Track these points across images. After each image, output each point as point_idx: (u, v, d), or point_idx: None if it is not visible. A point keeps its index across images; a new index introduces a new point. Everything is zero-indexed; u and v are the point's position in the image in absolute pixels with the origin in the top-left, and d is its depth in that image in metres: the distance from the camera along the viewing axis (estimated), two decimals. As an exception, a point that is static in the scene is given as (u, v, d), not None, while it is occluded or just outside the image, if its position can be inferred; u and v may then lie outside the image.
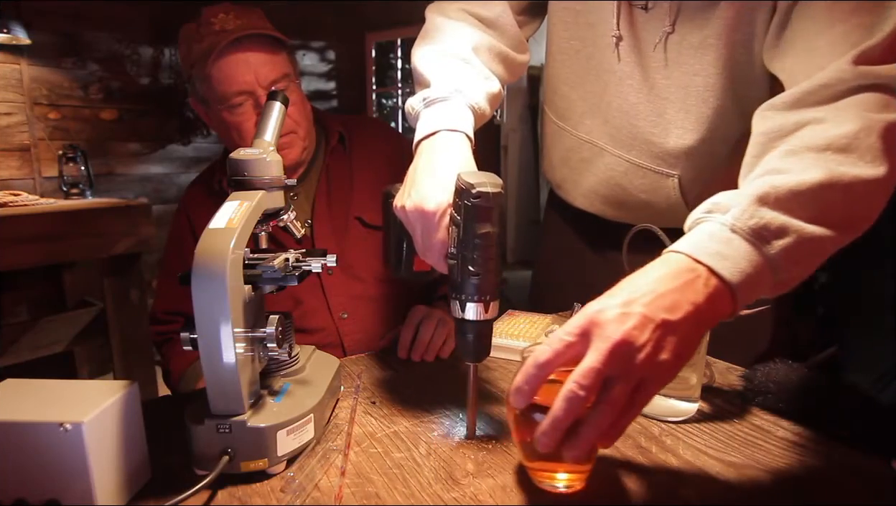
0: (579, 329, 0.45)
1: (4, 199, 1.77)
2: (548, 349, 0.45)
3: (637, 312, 0.44)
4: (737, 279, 0.47)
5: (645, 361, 0.44)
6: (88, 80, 2.59)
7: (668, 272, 0.47)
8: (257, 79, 0.92)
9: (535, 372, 0.46)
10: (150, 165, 2.85)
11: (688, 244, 0.49)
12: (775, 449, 0.59)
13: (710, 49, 0.72)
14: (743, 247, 0.48)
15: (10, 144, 2.38)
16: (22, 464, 0.47)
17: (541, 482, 0.53)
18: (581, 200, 0.98)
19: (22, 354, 1.78)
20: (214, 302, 0.51)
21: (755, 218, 0.49)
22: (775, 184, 0.51)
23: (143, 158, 2.82)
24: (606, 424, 0.44)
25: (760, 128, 0.61)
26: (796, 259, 0.50)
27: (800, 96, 0.59)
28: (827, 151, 0.53)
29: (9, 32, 2.18)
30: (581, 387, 0.43)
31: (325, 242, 1.02)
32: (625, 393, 0.44)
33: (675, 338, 0.45)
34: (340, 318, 1.02)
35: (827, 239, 0.51)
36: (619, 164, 0.87)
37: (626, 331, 0.43)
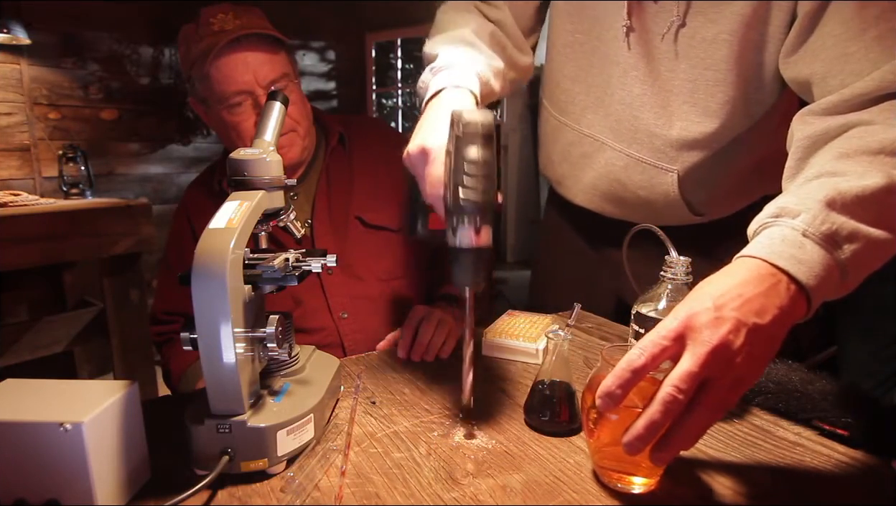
0: (674, 333, 0.46)
1: (4, 199, 1.77)
2: (642, 353, 0.46)
3: (731, 316, 0.45)
4: (813, 283, 0.48)
5: (740, 364, 0.45)
6: (88, 80, 2.59)
7: (752, 277, 0.48)
8: (256, 78, 0.92)
9: (630, 376, 0.45)
10: (150, 165, 2.85)
11: (764, 249, 0.50)
12: (775, 449, 0.59)
13: (724, 45, 0.72)
14: (816, 251, 0.49)
15: (10, 144, 2.38)
16: (22, 464, 0.47)
17: (614, 484, 0.53)
18: (581, 197, 0.99)
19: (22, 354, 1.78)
20: (214, 302, 0.51)
21: (827, 223, 0.50)
22: (840, 189, 0.52)
23: (143, 158, 2.82)
24: (702, 427, 0.45)
25: (804, 132, 0.61)
26: (863, 263, 0.51)
27: (842, 101, 0.59)
28: (881, 154, 0.54)
29: (9, 32, 2.18)
30: (680, 391, 0.43)
31: (324, 241, 1.02)
32: (720, 396, 0.45)
33: (764, 340, 0.46)
34: (340, 318, 1.02)
35: (889, 242, 0.52)
36: (620, 158, 0.87)
37: (723, 335, 0.44)
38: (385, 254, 1.06)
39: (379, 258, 1.05)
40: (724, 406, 0.46)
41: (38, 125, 2.45)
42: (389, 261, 1.06)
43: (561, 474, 0.56)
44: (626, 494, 0.52)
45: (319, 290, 1.01)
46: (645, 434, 0.44)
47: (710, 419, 0.45)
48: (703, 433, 0.46)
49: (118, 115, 2.71)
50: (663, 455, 0.45)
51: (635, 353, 0.46)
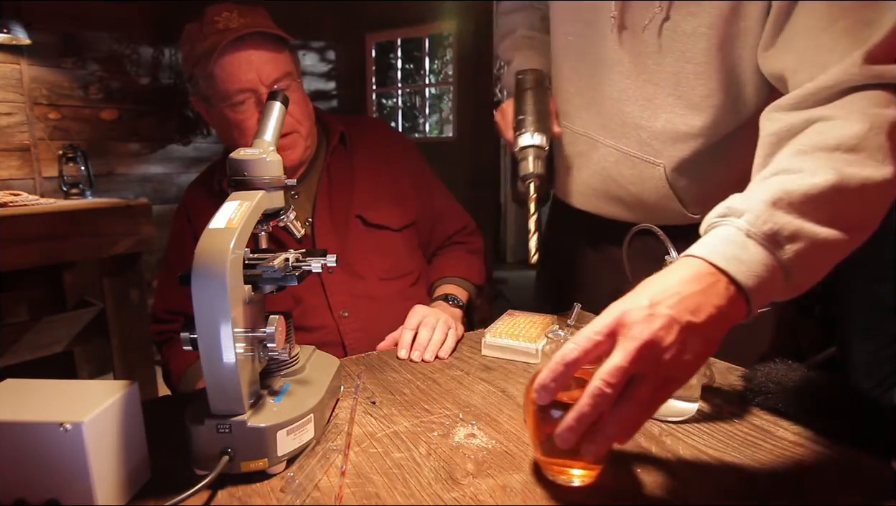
0: (607, 328, 0.46)
1: (4, 199, 1.77)
2: (576, 347, 0.46)
3: (663, 313, 0.45)
4: (752, 283, 0.48)
5: (670, 361, 0.45)
6: (88, 80, 2.59)
7: (691, 275, 0.48)
8: (260, 77, 0.92)
9: (563, 369, 0.46)
10: (150, 165, 2.85)
11: (706, 249, 0.50)
12: (775, 449, 0.59)
13: (702, 38, 0.72)
14: (758, 251, 0.49)
15: (10, 144, 2.38)
16: (22, 464, 0.47)
17: (555, 477, 0.54)
18: (578, 198, 0.99)
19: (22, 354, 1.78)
20: (214, 302, 0.51)
21: (769, 223, 0.49)
22: (787, 188, 0.51)
23: (143, 158, 2.82)
24: (630, 421, 0.45)
25: (769, 129, 0.61)
26: (808, 263, 0.51)
27: (806, 95, 0.59)
28: (837, 151, 0.53)
29: (9, 32, 2.18)
30: (608, 385, 0.44)
31: (325, 240, 1.02)
32: (649, 392, 0.45)
33: (698, 339, 0.46)
34: (341, 316, 1.02)
35: (839, 242, 0.51)
36: (610, 154, 0.88)
37: (654, 331, 0.44)
38: (386, 253, 1.06)
39: (379, 257, 1.05)
40: (653, 402, 0.46)
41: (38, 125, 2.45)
42: (390, 260, 1.06)
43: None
44: (626, 494, 0.52)
45: (320, 288, 1.01)
46: (575, 426, 0.45)
47: (640, 414, 0.46)
48: (635, 428, 0.47)
49: (118, 115, 2.71)
50: (594, 448, 0.46)
51: (569, 347, 0.47)
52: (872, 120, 0.54)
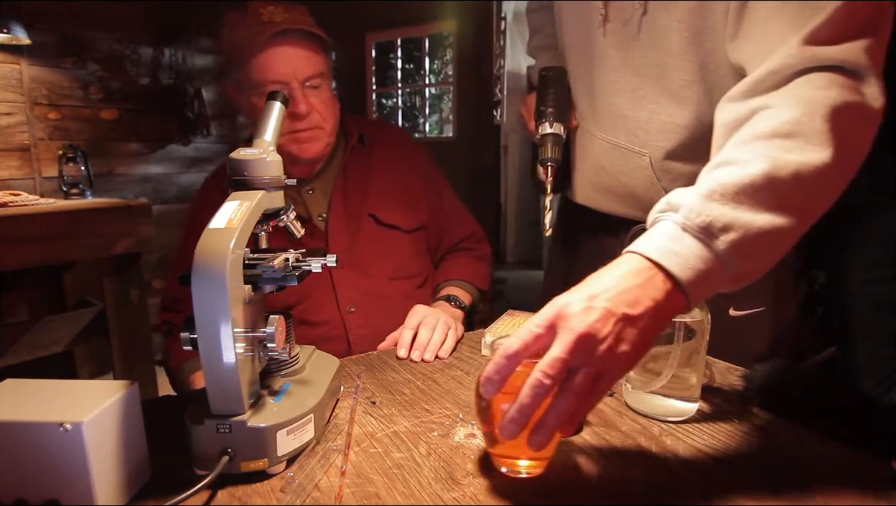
0: (546, 322, 0.48)
1: (4, 199, 1.77)
2: (517, 341, 0.48)
3: (600, 306, 0.47)
4: (686, 276, 0.49)
5: (606, 352, 0.46)
6: (88, 80, 2.59)
7: (630, 270, 0.50)
8: (295, 72, 0.95)
9: (505, 362, 0.48)
10: (150, 165, 2.85)
11: (644, 243, 0.51)
12: (775, 449, 0.59)
13: (675, 31, 0.74)
14: (693, 244, 0.50)
15: (10, 143, 2.38)
16: (22, 464, 0.47)
17: (503, 468, 0.55)
18: (578, 192, 1.02)
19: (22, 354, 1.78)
20: (214, 302, 0.51)
21: (703, 215, 0.50)
22: (722, 179, 0.51)
23: (143, 158, 2.82)
24: (569, 411, 0.47)
25: (720, 120, 0.61)
26: (747, 252, 0.50)
27: (753, 84, 0.59)
28: (774, 138, 0.53)
29: (9, 32, 2.17)
30: (546, 376, 0.45)
31: (338, 236, 1.04)
32: (587, 382, 0.46)
33: (635, 331, 0.47)
34: (347, 311, 1.03)
35: (781, 228, 0.51)
36: (602, 146, 0.91)
37: (590, 324, 0.46)
38: (395, 253, 1.08)
39: (389, 256, 1.07)
40: (593, 393, 0.47)
41: (38, 125, 2.45)
42: (398, 260, 1.08)
43: (560, 473, 0.56)
44: (626, 494, 0.52)
45: (328, 282, 1.02)
46: (517, 417, 0.47)
47: (579, 405, 0.47)
48: (577, 418, 0.48)
49: (118, 115, 2.71)
50: (536, 438, 0.47)
51: (511, 341, 0.48)
52: (810, 104, 0.53)
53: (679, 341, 0.62)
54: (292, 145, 0.99)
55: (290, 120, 0.96)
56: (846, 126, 0.53)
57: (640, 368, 0.67)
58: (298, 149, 0.99)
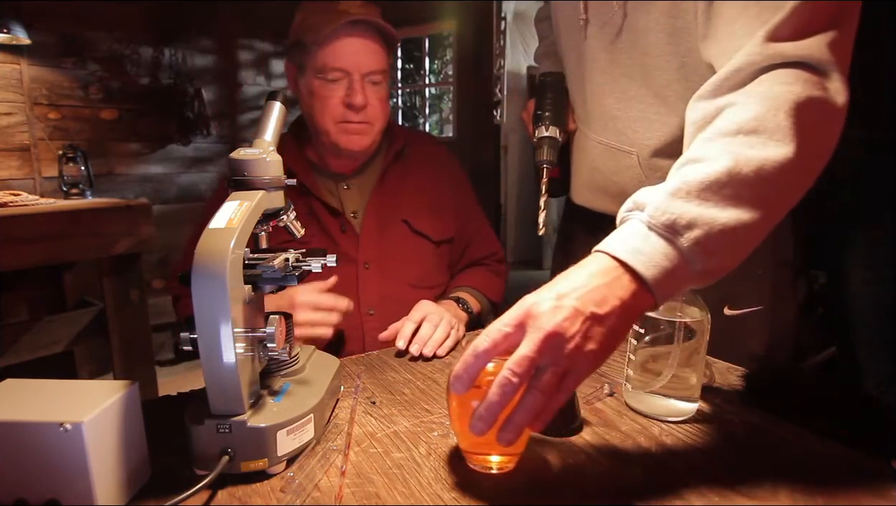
0: (516, 320, 0.48)
1: (4, 199, 1.77)
2: (486, 339, 0.49)
3: (569, 305, 0.48)
4: (651, 273, 0.49)
5: (574, 350, 0.47)
6: (88, 80, 2.59)
7: (598, 269, 0.50)
8: (359, 64, 0.97)
9: (474, 361, 0.49)
10: (150, 165, 2.85)
11: (611, 243, 0.52)
12: (775, 449, 0.59)
13: (652, 33, 0.75)
14: (658, 242, 0.50)
15: (10, 144, 2.38)
16: (22, 464, 0.47)
17: (475, 465, 0.56)
18: (576, 193, 1.03)
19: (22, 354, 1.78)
20: (214, 302, 0.51)
21: (667, 214, 0.51)
22: (687, 178, 0.52)
23: (143, 158, 2.82)
24: (537, 409, 0.47)
25: (689, 119, 0.62)
26: (711, 249, 0.51)
27: (719, 83, 0.59)
28: (738, 134, 0.54)
29: (9, 32, 2.17)
30: (514, 374, 0.46)
31: (369, 235, 1.05)
32: (555, 380, 0.47)
33: (602, 329, 0.48)
34: (367, 314, 1.03)
35: (745, 225, 0.51)
36: (595, 147, 0.92)
37: (558, 322, 0.47)
38: (421, 261, 1.09)
39: (414, 264, 1.08)
40: (561, 391, 0.48)
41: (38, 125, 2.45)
42: (423, 268, 1.09)
43: (561, 473, 0.56)
44: (626, 494, 0.52)
45: (354, 282, 1.03)
46: (485, 415, 0.48)
47: (546, 402, 0.47)
48: (545, 416, 0.48)
49: (118, 115, 2.70)
50: (505, 435, 0.48)
51: (480, 339, 0.49)
52: (773, 101, 0.54)
53: (679, 341, 0.62)
54: (341, 136, 1.00)
55: (345, 110, 0.98)
56: (810, 121, 0.54)
57: (640, 368, 0.67)
58: (347, 140, 1.00)
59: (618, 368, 0.80)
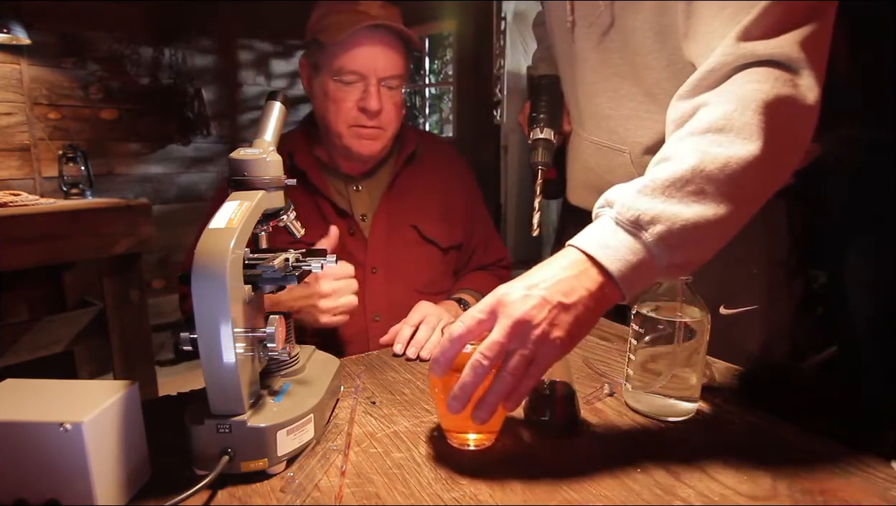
0: (489, 307, 0.52)
1: (4, 199, 1.77)
2: (461, 325, 0.53)
3: (537, 294, 0.51)
4: (616, 267, 0.52)
5: (541, 336, 0.51)
6: (88, 80, 2.59)
7: (567, 262, 0.54)
8: (376, 68, 0.95)
9: (450, 345, 0.53)
10: (150, 165, 2.85)
11: (581, 238, 0.55)
12: (775, 449, 0.59)
13: (639, 32, 0.76)
14: (624, 238, 0.53)
15: (10, 144, 2.38)
16: (22, 464, 0.47)
17: (455, 442, 0.60)
18: (571, 194, 1.04)
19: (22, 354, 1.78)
20: (214, 302, 0.51)
21: (633, 210, 0.53)
22: (655, 175, 0.54)
23: (143, 158, 2.82)
24: (507, 390, 0.52)
25: (669, 118, 0.63)
26: (675, 243, 0.53)
27: (696, 82, 0.60)
28: (707, 133, 0.55)
29: (9, 32, 2.17)
30: (485, 357, 0.51)
31: (378, 240, 1.04)
32: (523, 364, 0.51)
33: (568, 318, 0.52)
34: (373, 320, 1.02)
35: (710, 220, 0.53)
36: (588, 146, 0.93)
37: (526, 310, 0.51)
38: (428, 267, 1.08)
39: (422, 270, 1.07)
40: (529, 375, 0.52)
41: (38, 125, 2.45)
42: (430, 275, 1.08)
43: (561, 473, 0.56)
44: (626, 494, 0.52)
45: (360, 287, 1.01)
46: (459, 394, 0.52)
47: (515, 384, 0.52)
48: (519, 398, 0.53)
49: (118, 115, 2.70)
50: (479, 414, 0.53)
51: (456, 325, 0.53)
52: (742, 99, 0.55)
53: (679, 341, 0.62)
54: (353, 140, 0.98)
55: (358, 114, 0.96)
56: (778, 118, 0.55)
57: (640, 368, 0.67)
58: (359, 144, 0.99)
59: (618, 368, 0.80)
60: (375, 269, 1.03)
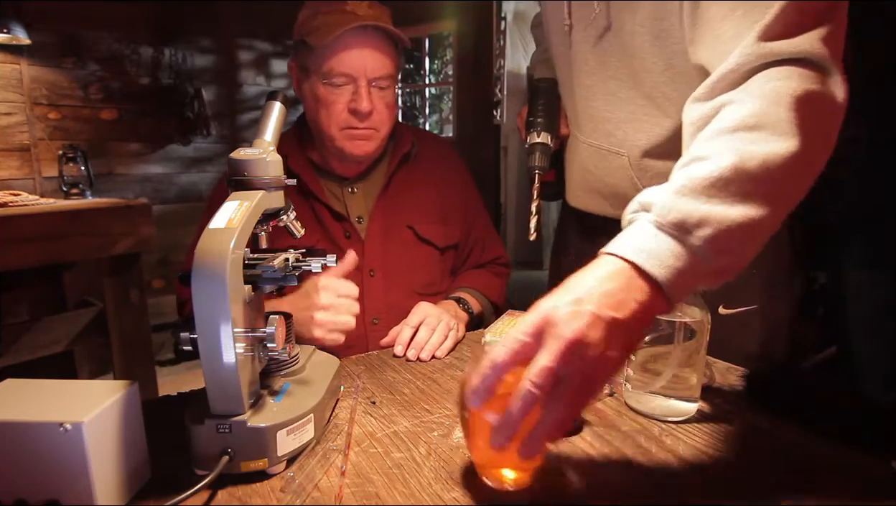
0: (534, 328, 0.46)
1: (4, 199, 1.77)
2: (504, 350, 0.46)
3: (588, 310, 0.46)
4: (663, 274, 0.48)
5: (595, 358, 0.45)
6: (88, 80, 2.59)
7: (609, 272, 0.49)
8: (366, 69, 0.94)
9: (492, 373, 0.47)
10: (150, 165, 2.85)
11: (619, 245, 0.50)
12: (775, 449, 0.59)
13: (638, 35, 0.75)
14: (667, 242, 0.49)
15: (10, 144, 2.38)
16: (22, 464, 0.47)
17: (490, 480, 0.54)
18: (570, 196, 1.03)
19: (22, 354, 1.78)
20: (214, 302, 0.51)
21: (674, 212, 0.49)
22: (692, 175, 0.51)
23: (143, 158, 2.82)
24: (560, 420, 0.46)
25: (687, 120, 0.62)
26: (722, 247, 0.50)
27: (713, 84, 0.59)
28: (738, 131, 0.53)
29: (9, 32, 2.17)
30: (536, 386, 0.44)
31: (374, 242, 1.03)
32: (576, 390, 0.45)
33: (622, 334, 0.46)
34: (371, 323, 1.02)
35: (756, 220, 0.51)
36: (586, 149, 0.93)
37: (579, 329, 0.45)
38: (426, 268, 1.08)
39: (420, 271, 1.07)
40: (581, 400, 0.47)
41: (38, 125, 2.44)
42: (428, 276, 1.08)
43: (561, 474, 0.56)
44: (626, 494, 0.52)
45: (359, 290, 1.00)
46: (506, 429, 0.46)
47: (569, 414, 0.46)
48: (566, 428, 0.47)
49: (118, 115, 2.70)
50: (526, 450, 0.46)
51: (498, 350, 0.47)
52: (772, 96, 0.54)
53: (679, 341, 0.62)
54: (346, 142, 0.97)
55: (350, 116, 0.95)
56: (810, 115, 0.53)
57: (640, 368, 0.67)
58: (352, 146, 0.98)
59: (618, 369, 0.80)
60: (373, 271, 1.03)
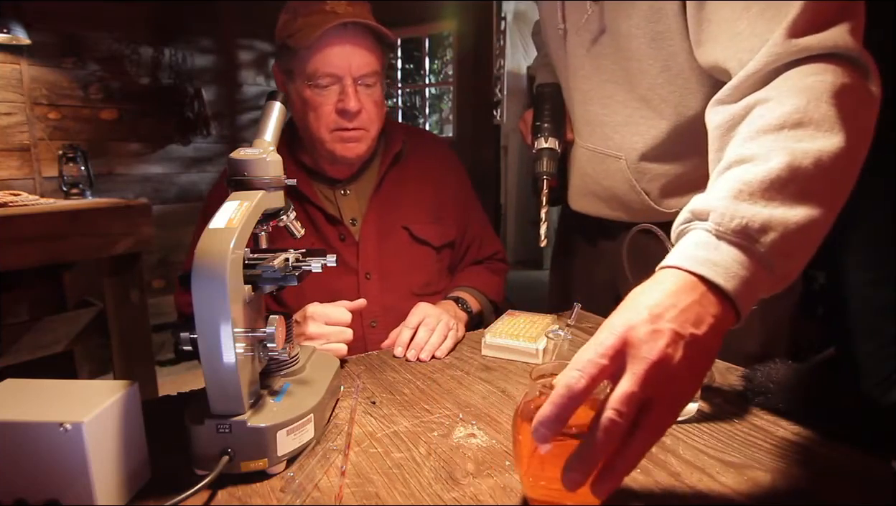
0: (612, 350, 0.42)
1: (4, 199, 1.77)
2: (579, 376, 0.41)
3: (667, 328, 0.42)
4: (732, 285, 0.45)
5: (680, 379, 0.42)
6: (88, 80, 2.59)
7: (677, 286, 0.45)
8: (350, 68, 0.92)
9: (569, 402, 0.41)
10: (150, 165, 2.85)
11: (681, 258, 0.47)
12: (775, 449, 0.59)
13: (634, 38, 0.76)
14: (731, 251, 0.46)
15: (10, 144, 2.38)
16: (22, 464, 0.47)
17: None
18: (571, 199, 1.04)
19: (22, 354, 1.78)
20: (214, 302, 0.51)
21: (736, 219, 0.46)
22: (745, 178, 0.48)
23: (143, 158, 2.82)
24: (642, 451, 0.41)
25: (714, 123, 0.61)
26: (788, 250, 0.47)
27: (741, 82, 0.58)
28: (783, 129, 0.51)
29: (9, 32, 2.17)
30: (620, 415, 0.39)
31: (368, 243, 1.02)
32: (662, 415, 0.41)
33: (701, 352, 0.43)
34: (369, 326, 1.01)
35: (814, 221, 0.48)
36: (584, 153, 0.94)
37: (661, 350, 0.41)
38: (422, 268, 1.07)
39: (416, 272, 1.06)
40: (666, 425, 0.42)
41: (38, 125, 2.45)
42: (425, 276, 1.07)
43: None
44: (626, 494, 0.52)
45: (355, 293, 1.00)
46: (583, 464, 0.40)
47: (653, 441, 0.42)
48: (644, 456, 0.42)
49: (118, 115, 2.70)
50: (606, 486, 0.41)
51: (574, 376, 0.41)
52: (810, 92, 0.52)
53: (679, 341, 0.62)
54: (336, 144, 0.96)
55: (338, 117, 0.94)
56: (850, 108, 0.52)
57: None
58: (342, 148, 0.96)
59: (618, 369, 0.80)
60: (369, 274, 1.02)
